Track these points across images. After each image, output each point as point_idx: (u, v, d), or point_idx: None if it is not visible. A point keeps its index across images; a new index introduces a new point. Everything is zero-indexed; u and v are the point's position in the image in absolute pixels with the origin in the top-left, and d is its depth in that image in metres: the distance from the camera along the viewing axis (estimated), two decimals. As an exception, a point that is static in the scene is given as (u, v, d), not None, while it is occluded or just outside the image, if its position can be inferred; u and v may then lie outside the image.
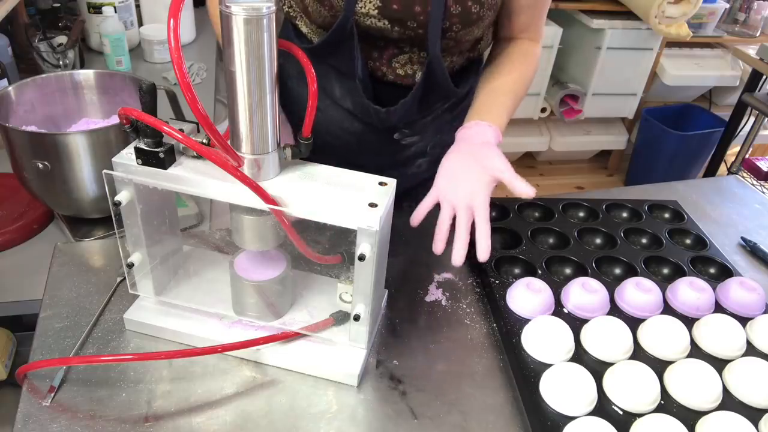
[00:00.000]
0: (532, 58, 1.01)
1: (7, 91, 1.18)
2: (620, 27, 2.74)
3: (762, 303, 0.92)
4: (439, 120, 1.08)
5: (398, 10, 0.88)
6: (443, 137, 1.11)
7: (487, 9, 0.90)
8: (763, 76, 2.52)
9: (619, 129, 3.21)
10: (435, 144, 1.11)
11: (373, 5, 0.88)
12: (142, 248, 0.79)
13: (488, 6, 0.90)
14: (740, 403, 0.78)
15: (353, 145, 1.07)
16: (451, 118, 1.10)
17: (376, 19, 0.90)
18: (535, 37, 1.02)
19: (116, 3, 1.84)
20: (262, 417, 0.74)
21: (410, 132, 1.07)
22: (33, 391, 0.75)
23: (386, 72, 1.00)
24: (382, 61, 0.98)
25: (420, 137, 1.09)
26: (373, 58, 0.98)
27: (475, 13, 0.89)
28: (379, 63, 0.99)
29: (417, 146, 1.10)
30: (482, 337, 0.88)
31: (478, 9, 0.89)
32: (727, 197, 1.29)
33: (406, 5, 0.88)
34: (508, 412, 0.78)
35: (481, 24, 0.92)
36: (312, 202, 0.71)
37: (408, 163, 1.13)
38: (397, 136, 1.07)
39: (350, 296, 0.78)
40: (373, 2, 0.88)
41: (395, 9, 0.88)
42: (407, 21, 0.90)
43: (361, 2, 0.88)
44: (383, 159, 1.10)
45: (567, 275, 0.98)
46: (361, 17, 0.90)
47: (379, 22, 0.90)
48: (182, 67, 0.61)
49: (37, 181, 1.14)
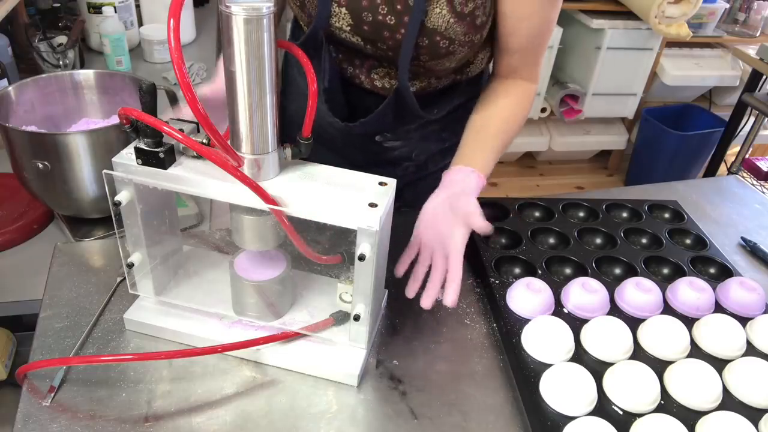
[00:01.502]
0: (525, 98, 0.98)
1: (7, 91, 1.18)
2: (620, 27, 2.74)
3: (762, 303, 0.92)
4: (424, 130, 1.07)
5: (368, 30, 0.90)
6: (429, 145, 1.10)
7: (458, 45, 0.88)
8: (763, 76, 2.51)
9: (619, 129, 3.21)
10: (420, 151, 1.10)
11: (345, 22, 0.90)
12: (142, 248, 0.79)
13: (460, 43, 0.88)
14: (740, 403, 0.78)
15: (338, 140, 1.08)
16: (439, 128, 1.08)
17: (350, 34, 0.91)
18: (530, 77, 0.99)
19: (116, 3, 1.84)
20: (262, 417, 0.74)
21: (392, 137, 1.07)
22: (33, 391, 0.75)
23: (364, 81, 1.00)
24: (362, 70, 0.99)
25: (403, 143, 1.08)
26: (354, 65, 0.99)
27: (443, 48, 0.88)
28: (359, 71, 0.99)
29: (400, 151, 1.09)
30: (482, 337, 0.88)
31: (447, 44, 0.88)
32: (727, 197, 1.29)
33: (376, 28, 0.89)
34: (508, 412, 0.78)
35: (453, 58, 0.91)
36: (312, 202, 0.71)
37: (394, 164, 1.12)
38: (378, 139, 1.07)
39: (350, 296, 0.78)
40: (346, 19, 0.90)
41: (366, 29, 0.90)
42: (378, 42, 0.91)
43: (335, 17, 0.90)
44: (369, 156, 1.10)
45: (567, 275, 0.98)
46: (337, 30, 0.91)
47: (352, 38, 0.92)
48: (182, 67, 0.61)
49: (37, 181, 1.14)
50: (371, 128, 1.03)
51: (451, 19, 0.85)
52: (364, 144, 1.08)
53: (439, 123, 1.07)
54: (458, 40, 0.87)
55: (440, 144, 1.11)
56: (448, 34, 0.86)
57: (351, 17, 0.89)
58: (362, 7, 0.87)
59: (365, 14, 0.88)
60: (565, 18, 2.83)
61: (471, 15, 0.86)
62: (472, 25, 0.87)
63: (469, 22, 0.86)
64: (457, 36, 0.87)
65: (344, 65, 1.00)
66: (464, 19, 0.86)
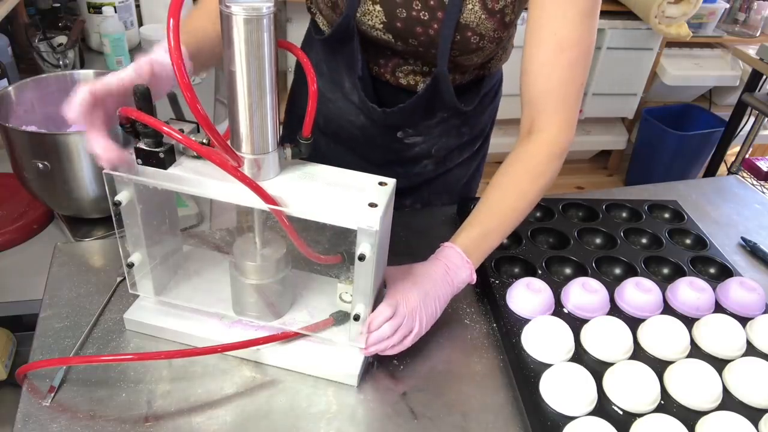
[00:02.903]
0: (544, 174, 0.87)
1: (7, 91, 1.18)
2: (620, 27, 2.74)
3: (762, 303, 0.92)
4: (445, 124, 1.08)
5: (401, 27, 0.92)
6: (449, 141, 1.11)
7: (488, 42, 0.91)
8: (763, 76, 2.51)
9: (619, 129, 3.21)
10: (440, 147, 1.11)
11: (378, 19, 0.92)
12: (142, 248, 0.79)
13: (489, 39, 0.90)
14: (740, 403, 0.78)
15: (360, 138, 1.09)
16: (459, 123, 1.10)
17: (381, 32, 0.93)
18: (556, 141, 0.86)
19: (116, 3, 1.84)
20: (262, 417, 0.74)
21: (414, 132, 1.08)
22: (33, 391, 0.75)
23: (389, 79, 1.02)
24: (387, 69, 1.01)
25: (423, 138, 1.09)
26: (379, 65, 1.01)
27: (474, 43, 0.90)
28: (383, 70, 1.02)
29: (421, 147, 1.10)
30: (482, 337, 0.88)
31: (477, 40, 0.90)
32: (727, 197, 1.29)
33: (409, 24, 0.91)
34: (508, 412, 0.78)
35: (481, 53, 0.93)
36: (312, 202, 0.71)
37: (414, 161, 1.13)
38: (400, 135, 1.08)
39: (350, 296, 0.78)
40: (379, 17, 0.92)
41: (399, 26, 0.91)
42: (409, 39, 0.93)
43: (368, 15, 0.92)
44: (389, 154, 1.11)
45: (567, 275, 0.98)
46: (368, 29, 0.93)
47: (384, 35, 0.94)
48: (182, 68, 0.61)
49: (37, 181, 1.14)
50: (406, 116, 1.03)
51: (482, 16, 0.87)
52: (384, 141, 1.09)
53: (459, 117, 1.08)
54: (488, 36, 0.89)
55: (459, 139, 1.12)
56: (479, 30, 0.88)
57: (384, 14, 0.91)
58: (396, 3, 0.89)
59: (399, 10, 0.90)
60: (565, 18, 2.83)
61: (501, 12, 0.88)
62: (501, 22, 0.89)
63: (498, 19, 0.88)
64: (487, 32, 0.89)
65: (369, 64, 1.02)
66: (495, 16, 0.88)
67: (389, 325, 0.76)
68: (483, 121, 1.14)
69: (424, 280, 0.80)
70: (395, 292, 0.78)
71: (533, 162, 0.87)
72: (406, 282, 0.80)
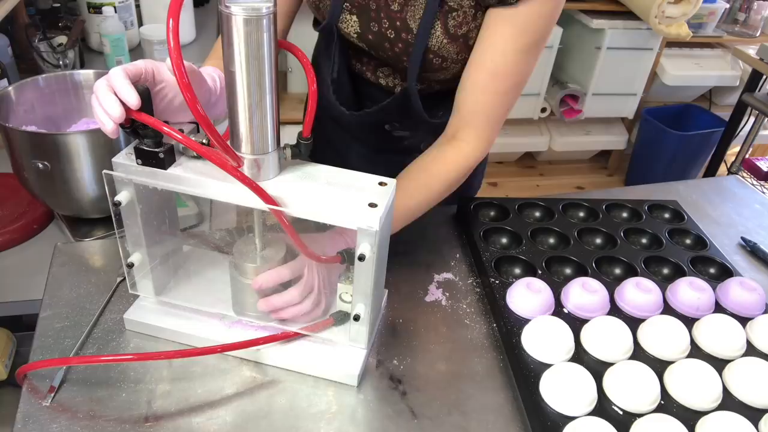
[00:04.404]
0: (454, 185, 0.93)
1: (7, 91, 1.18)
2: (620, 27, 2.74)
3: (762, 303, 0.92)
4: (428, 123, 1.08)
5: (372, 40, 0.94)
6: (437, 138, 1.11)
7: (451, 63, 0.92)
8: (763, 76, 2.51)
9: (619, 129, 3.21)
10: (429, 143, 1.11)
11: (353, 29, 0.95)
12: (142, 248, 0.79)
13: (453, 61, 0.92)
14: (740, 403, 0.78)
15: (353, 125, 1.11)
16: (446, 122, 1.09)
17: (356, 40, 0.96)
18: (473, 155, 0.92)
19: (116, 3, 1.84)
20: (262, 417, 0.74)
21: (400, 126, 1.09)
22: (33, 391, 0.75)
23: (370, 77, 1.04)
24: (369, 68, 1.04)
25: (411, 133, 1.10)
26: (363, 62, 1.04)
27: (436, 64, 0.92)
28: (366, 68, 1.04)
29: (409, 141, 1.11)
30: (482, 337, 0.88)
31: (440, 62, 0.92)
32: (727, 197, 1.29)
33: (379, 39, 0.94)
34: (508, 412, 0.78)
35: (447, 71, 0.94)
36: (312, 202, 0.71)
37: (406, 152, 1.13)
38: (388, 128, 1.08)
39: (350, 296, 0.78)
40: (354, 27, 0.95)
41: (370, 38, 0.94)
42: (379, 51, 0.95)
43: (345, 23, 0.95)
44: (380, 144, 1.12)
45: (567, 275, 0.98)
46: (346, 35, 0.97)
47: (359, 43, 0.96)
48: (182, 68, 0.61)
49: (37, 181, 1.14)
50: (377, 119, 1.05)
51: (444, 41, 0.89)
52: (374, 133, 1.11)
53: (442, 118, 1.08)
54: (450, 58, 0.92)
55: None
56: (441, 53, 0.91)
57: (359, 25, 0.94)
58: (370, 17, 0.92)
59: (372, 24, 0.93)
60: (565, 18, 2.83)
61: (464, 36, 0.89)
62: (465, 45, 0.90)
63: (462, 42, 0.90)
64: (450, 55, 0.91)
65: (353, 61, 1.04)
66: (457, 41, 0.89)
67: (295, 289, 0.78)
68: None
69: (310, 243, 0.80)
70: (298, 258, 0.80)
71: (451, 172, 0.92)
72: None
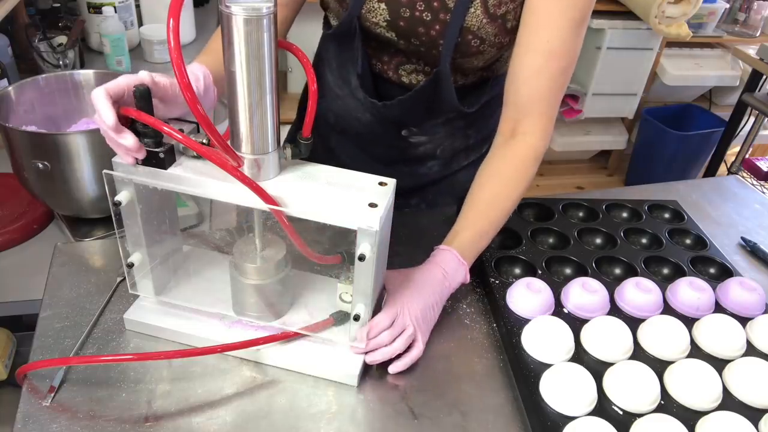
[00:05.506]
0: (529, 177, 0.89)
1: (7, 91, 1.18)
2: (620, 27, 2.73)
3: (762, 303, 0.92)
4: (450, 125, 1.08)
5: (404, 26, 0.92)
6: (454, 143, 1.11)
7: (488, 46, 0.91)
8: (763, 76, 2.51)
9: (619, 129, 3.21)
10: (445, 148, 1.11)
11: (382, 17, 0.92)
12: (142, 248, 0.79)
13: (490, 43, 0.90)
14: (740, 403, 0.78)
15: (366, 135, 1.09)
16: (464, 125, 1.09)
17: (385, 29, 0.94)
18: (539, 145, 0.89)
19: (116, 3, 1.84)
20: (262, 417, 0.74)
21: (418, 132, 1.08)
22: (33, 391, 0.75)
23: (392, 77, 1.02)
24: (390, 66, 1.01)
25: (428, 138, 1.09)
26: (383, 62, 1.01)
27: (474, 47, 0.91)
28: (386, 67, 1.02)
29: (426, 147, 1.10)
30: (482, 337, 0.88)
31: (478, 44, 0.90)
32: (727, 197, 1.29)
33: (412, 24, 0.91)
34: (508, 412, 0.78)
35: (482, 57, 0.93)
36: (312, 202, 0.71)
37: (419, 161, 1.13)
38: (405, 133, 1.08)
39: (350, 296, 0.78)
40: (383, 15, 0.92)
41: (402, 25, 0.92)
42: (411, 38, 0.93)
43: (372, 12, 0.92)
44: (395, 153, 1.11)
45: (567, 275, 0.98)
46: (372, 26, 0.94)
47: (387, 33, 0.94)
48: (182, 68, 0.61)
49: (37, 181, 1.14)
50: (405, 111, 1.03)
51: (484, 20, 0.87)
52: (390, 140, 1.09)
53: (465, 119, 1.08)
54: (488, 40, 0.90)
55: (465, 141, 1.12)
56: (480, 34, 0.89)
57: (388, 12, 0.91)
58: (401, 3, 0.90)
59: (403, 10, 0.90)
60: (565, 18, 2.82)
61: (502, 18, 0.88)
62: (503, 28, 0.89)
63: (500, 24, 0.88)
64: (488, 36, 0.89)
65: (373, 61, 1.02)
66: (496, 21, 0.88)
67: (388, 333, 0.78)
68: (490, 125, 1.14)
69: (424, 288, 0.82)
70: (395, 300, 0.80)
71: (521, 165, 0.90)
72: (405, 289, 0.82)
